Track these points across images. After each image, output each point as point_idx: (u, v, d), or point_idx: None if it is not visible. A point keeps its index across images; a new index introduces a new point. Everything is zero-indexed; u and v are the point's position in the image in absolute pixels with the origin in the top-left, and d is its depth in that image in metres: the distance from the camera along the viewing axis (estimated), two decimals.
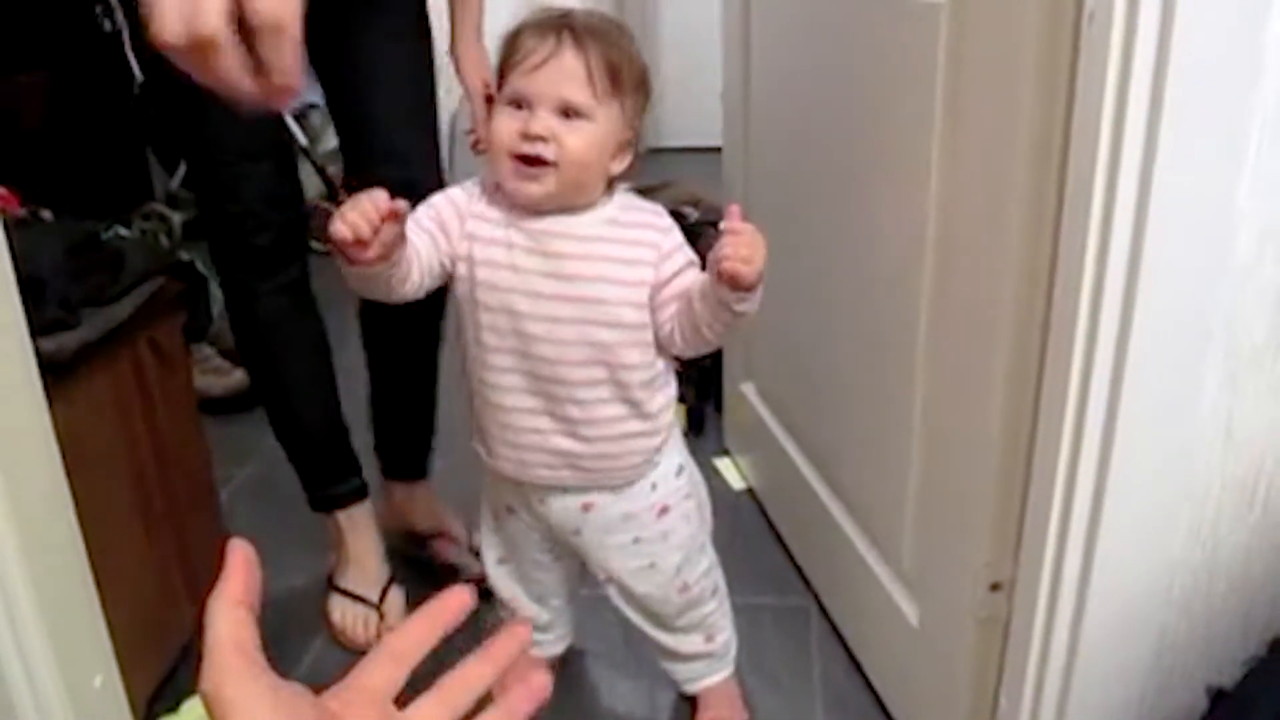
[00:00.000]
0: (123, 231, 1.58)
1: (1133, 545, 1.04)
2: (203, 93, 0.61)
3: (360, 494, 1.74)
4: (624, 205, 1.22)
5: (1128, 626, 1.08)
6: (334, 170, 3.18)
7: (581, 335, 1.18)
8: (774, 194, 1.79)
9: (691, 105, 3.55)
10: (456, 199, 1.23)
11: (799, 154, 1.65)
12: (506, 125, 1.14)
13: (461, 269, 1.21)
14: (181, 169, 3.28)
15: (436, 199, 1.23)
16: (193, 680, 1.51)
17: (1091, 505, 1.03)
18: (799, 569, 1.81)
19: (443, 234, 1.21)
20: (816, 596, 1.74)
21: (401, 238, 1.11)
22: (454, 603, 0.56)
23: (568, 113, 1.13)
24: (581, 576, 1.46)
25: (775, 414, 1.89)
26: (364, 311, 1.76)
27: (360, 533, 1.73)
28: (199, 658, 0.45)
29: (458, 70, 1.67)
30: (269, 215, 1.51)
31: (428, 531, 1.84)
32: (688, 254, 1.21)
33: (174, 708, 1.47)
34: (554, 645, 1.52)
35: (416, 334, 1.77)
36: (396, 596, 1.73)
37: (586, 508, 1.29)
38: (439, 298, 1.75)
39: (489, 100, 1.67)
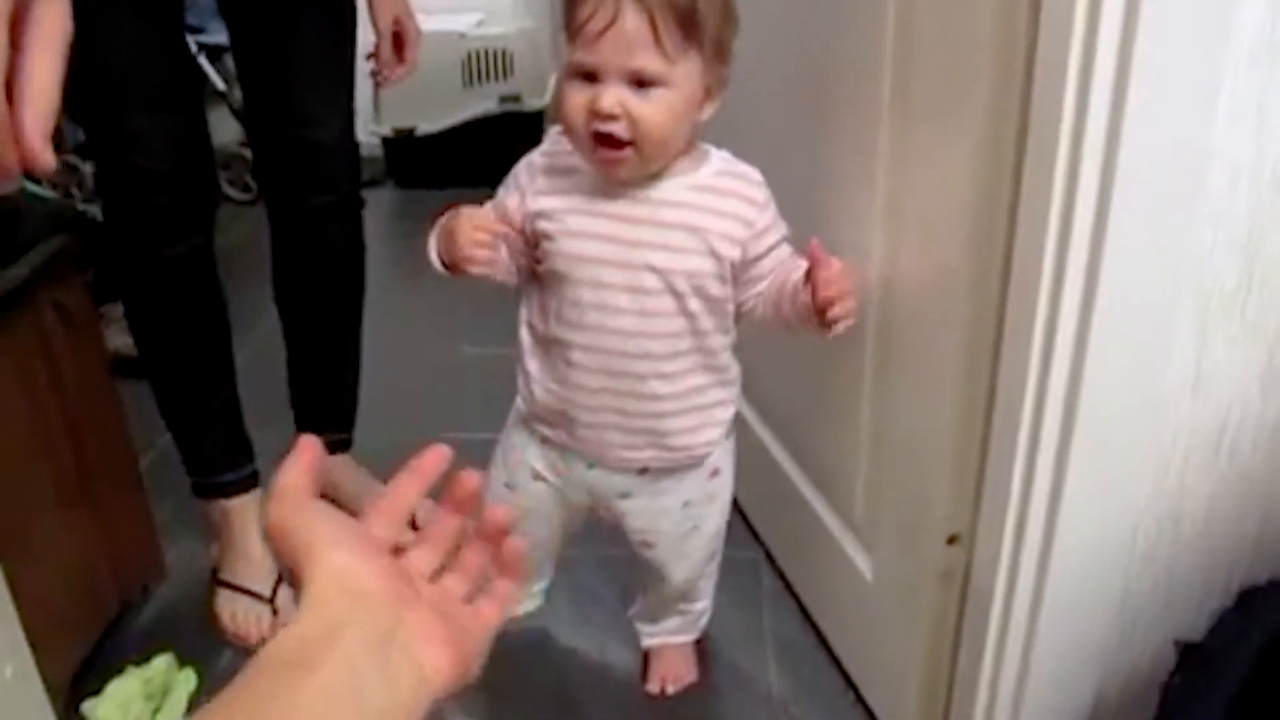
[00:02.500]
0: (30, 185, 1.46)
1: (1100, 494, 1.01)
2: (97, 31, 0.50)
3: (252, 482, 1.63)
4: (719, 170, 1.13)
5: (1092, 579, 1.05)
6: None
7: (666, 306, 1.12)
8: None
9: None
10: (520, 180, 1.15)
11: (750, 95, 1.57)
12: (576, 99, 1.04)
13: (542, 245, 1.14)
14: None
15: (499, 198, 1.15)
16: (118, 660, 1.47)
17: (1057, 453, 0.99)
18: (746, 520, 1.76)
19: (510, 236, 1.15)
20: (766, 549, 1.70)
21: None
22: (432, 459, 0.61)
23: (641, 81, 1.02)
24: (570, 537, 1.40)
25: None
26: (277, 275, 1.68)
27: (249, 522, 1.61)
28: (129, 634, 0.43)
29: (369, 3, 1.57)
30: (174, 173, 1.40)
31: (353, 500, 1.60)
32: (781, 229, 1.15)
33: (98, 690, 1.40)
34: (532, 600, 1.47)
35: (335, 296, 1.69)
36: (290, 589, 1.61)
37: (643, 471, 1.23)
38: (357, 261, 1.68)
39: (397, 38, 1.59)
